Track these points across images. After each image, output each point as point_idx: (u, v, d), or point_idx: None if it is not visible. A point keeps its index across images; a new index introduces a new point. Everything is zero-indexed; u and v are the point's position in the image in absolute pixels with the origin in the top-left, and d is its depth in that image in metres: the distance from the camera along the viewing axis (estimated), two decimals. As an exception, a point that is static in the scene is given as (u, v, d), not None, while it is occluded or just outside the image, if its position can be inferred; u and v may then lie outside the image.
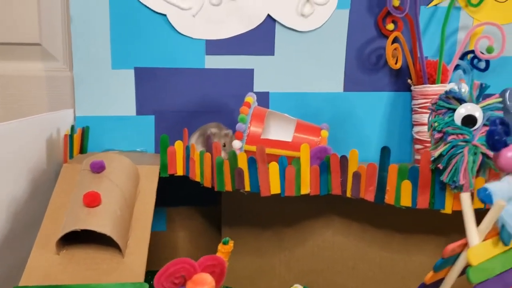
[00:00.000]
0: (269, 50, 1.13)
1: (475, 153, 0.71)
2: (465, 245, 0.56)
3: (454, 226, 0.74)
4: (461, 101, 0.72)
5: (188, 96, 1.13)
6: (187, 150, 0.94)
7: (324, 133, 0.99)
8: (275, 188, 0.86)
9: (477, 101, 0.72)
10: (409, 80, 1.15)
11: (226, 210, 1.09)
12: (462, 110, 0.72)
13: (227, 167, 0.87)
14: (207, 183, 0.91)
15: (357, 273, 1.03)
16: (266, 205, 1.02)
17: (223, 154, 0.98)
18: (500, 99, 0.71)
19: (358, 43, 1.15)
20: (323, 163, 0.86)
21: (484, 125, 0.71)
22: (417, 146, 1.14)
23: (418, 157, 1.13)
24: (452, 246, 0.55)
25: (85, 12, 1.07)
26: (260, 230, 1.07)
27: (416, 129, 1.14)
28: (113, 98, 1.11)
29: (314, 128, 1.01)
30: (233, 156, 0.86)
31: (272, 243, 1.06)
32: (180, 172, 0.96)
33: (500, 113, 0.72)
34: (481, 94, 0.73)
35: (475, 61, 1.17)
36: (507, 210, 0.53)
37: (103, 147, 1.12)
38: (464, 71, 1.17)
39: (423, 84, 1.11)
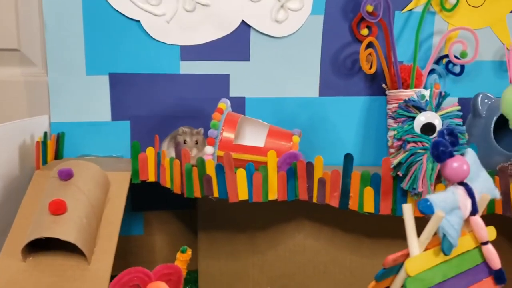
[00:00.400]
0: (244, 55, 1.14)
1: (433, 161, 0.71)
2: (407, 255, 0.57)
3: (418, 232, 0.75)
4: (420, 109, 0.73)
5: (164, 102, 1.14)
6: (158, 156, 0.94)
7: (296, 139, 1.00)
8: (243, 194, 0.87)
9: (436, 109, 0.73)
10: (383, 85, 1.15)
11: (202, 214, 1.09)
12: (422, 118, 0.73)
13: (195, 174, 0.88)
14: (177, 190, 0.91)
15: (328, 276, 1.04)
16: (240, 209, 1.02)
17: (195, 152, 0.99)
18: (459, 107, 0.72)
19: (333, 48, 1.16)
20: (290, 169, 0.87)
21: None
22: (392, 151, 1.14)
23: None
24: (394, 256, 0.55)
25: (59, 19, 1.08)
26: (235, 234, 1.08)
27: (390, 133, 1.14)
28: (88, 104, 1.12)
29: (286, 133, 1.02)
30: (201, 163, 0.86)
31: (246, 247, 1.07)
32: (151, 178, 0.97)
33: (459, 121, 0.73)
34: (441, 102, 0.73)
35: (450, 65, 1.18)
36: (448, 220, 0.54)
37: (79, 152, 1.13)
38: (440, 76, 1.18)
39: (397, 88, 1.12)
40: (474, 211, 0.59)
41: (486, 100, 1.01)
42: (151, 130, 1.13)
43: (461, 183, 0.58)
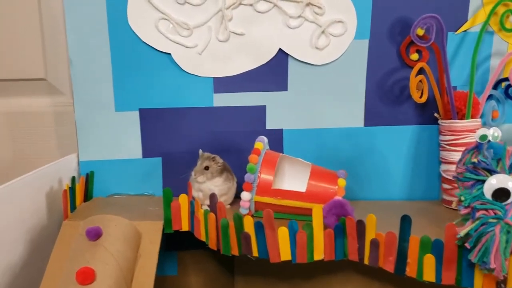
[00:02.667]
0: (282, 85, 1.05)
1: (508, 232, 0.62)
2: None
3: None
4: (491, 171, 0.63)
5: (197, 136, 1.07)
6: (192, 205, 0.87)
7: (341, 182, 0.91)
8: (285, 254, 0.79)
9: (510, 171, 0.63)
10: (436, 114, 1.05)
11: (239, 257, 1.02)
12: (493, 182, 0.63)
13: (232, 231, 0.80)
14: (212, 245, 0.84)
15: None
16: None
17: (201, 179, 0.94)
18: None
19: (379, 74, 1.06)
20: (338, 226, 0.78)
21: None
22: (445, 186, 1.04)
23: (446, 197, 1.04)
24: None
25: (85, 54, 1.02)
26: (275, 281, 1.00)
27: (444, 167, 1.04)
28: (118, 141, 1.06)
29: (330, 175, 0.93)
30: (238, 220, 0.79)
31: (287, 296, 1.00)
32: (185, 227, 0.90)
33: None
34: (516, 162, 0.63)
35: (510, 89, 1.06)
36: None
37: (109, 191, 1.07)
38: (498, 101, 1.07)
39: (451, 119, 1.01)
40: None
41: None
42: (184, 166, 1.06)
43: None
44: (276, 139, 1.07)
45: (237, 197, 0.99)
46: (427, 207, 1.03)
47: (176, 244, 1.12)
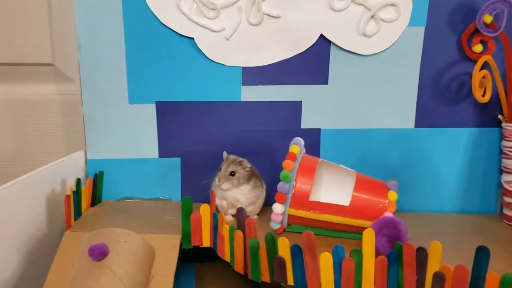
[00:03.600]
0: (321, 78, 0.91)
1: None
2: None
3: None
4: None
5: (221, 135, 0.94)
6: (215, 218, 0.74)
7: (392, 195, 0.77)
8: (327, 284, 0.65)
9: None
10: (499, 116, 0.90)
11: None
12: None
13: (264, 254, 0.66)
14: (238, 268, 0.71)
15: None
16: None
17: (226, 186, 0.81)
18: None
19: (435, 68, 0.91)
20: (393, 253, 0.64)
21: None
22: (507, 199, 0.89)
23: (508, 212, 0.89)
24: None
25: (95, 37, 0.89)
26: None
27: (506, 177, 0.89)
28: (132, 137, 0.93)
29: (379, 186, 0.79)
30: (271, 242, 0.65)
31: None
32: (206, 243, 0.77)
33: None
34: None
35: None
36: None
37: (120, 194, 0.95)
38: None
39: (518, 122, 0.86)
40: None
41: None
42: (205, 168, 0.93)
43: None
44: (312, 141, 0.93)
45: (265, 205, 0.87)
46: (484, 223, 0.90)
47: (194, 254, 0.98)
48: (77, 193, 0.81)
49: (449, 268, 0.60)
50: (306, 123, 0.93)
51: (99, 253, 0.65)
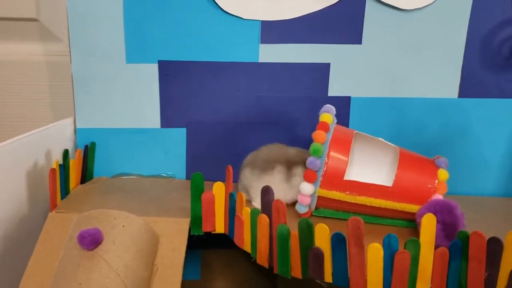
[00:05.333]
0: (354, 37, 0.79)
1: None
2: None
3: None
4: None
5: (235, 102, 0.80)
6: (232, 199, 0.61)
7: (443, 174, 0.65)
8: (374, 284, 0.52)
9: None
10: (560, 85, 0.77)
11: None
12: None
13: (295, 244, 0.54)
14: (262, 260, 0.58)
15: None
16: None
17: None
18: None
19: (486, 27, 0.78)
20: (455, 244, 0.52)
21: None
22: None
23: None
24: None
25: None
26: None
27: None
28: (129, 104, 0.81)
29: (426, 163, 0.67)
30: (307, 229, 0.52)
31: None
32: (220, 229, 0.65)
33: None
34: None
35: None
36: None
37: (115, 170, 0.83)
38: None
39: None
40: None
41: None
42: (216, 142, 0.81)
43: None
44: (340, 111, 0.79)
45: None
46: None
47: (200, 241, 0.86)
48: (64, 167, 0.68)
49: (534, 265, 0.48)
50: (334, 89, 0.81)
51: (91, 241, 0.52)
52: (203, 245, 0.87)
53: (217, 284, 0.90)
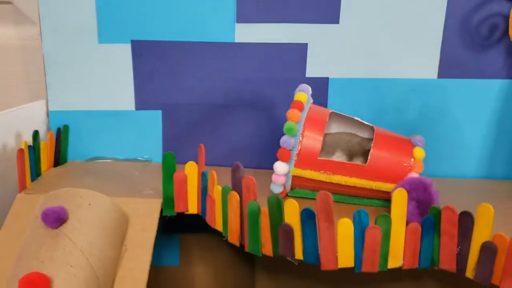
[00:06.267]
0: (331, 15, 0.77)
1: None
2: None
3: None
4: None
5: (210, 83, 0.79)
6: (204, 178, 0.60)
7: (419, 153, 0.64)
8: (345, 259, 0.52)
9: None
10: (539, 65, 0.77)
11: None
12: None
13: (265, 221, 0.53)
14: (233, 239, 0.57)
15: None
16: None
17: None
18: None
19: (465, 7, 0.77)
20: (428, 219, 0.51)
21: None
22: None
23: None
24: None
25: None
26: (307, 276, 0.73)
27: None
28: (102, 85, 0.79)
29: (402, 142, 0.66)
30: (276, 205, 0.51)
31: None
32: (193, 210, 0.64)
33: None
34: None
35: None
36: None
37: (89, 154, 0.82)
38: None
39: None
40: None
41: None
42: (192, 124, 0.79)
43: None
44: (319, 91, 0.79)
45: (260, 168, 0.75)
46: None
47: (178, 225, 0.84)
48: (34, 148, 0.66)
49: (504, 238, 0.47)
50: (312, 70, 0.79)
51: (55, 219, 0.51)
52: (182, 229, 0.86)
53: (197, 270, 0.89)
